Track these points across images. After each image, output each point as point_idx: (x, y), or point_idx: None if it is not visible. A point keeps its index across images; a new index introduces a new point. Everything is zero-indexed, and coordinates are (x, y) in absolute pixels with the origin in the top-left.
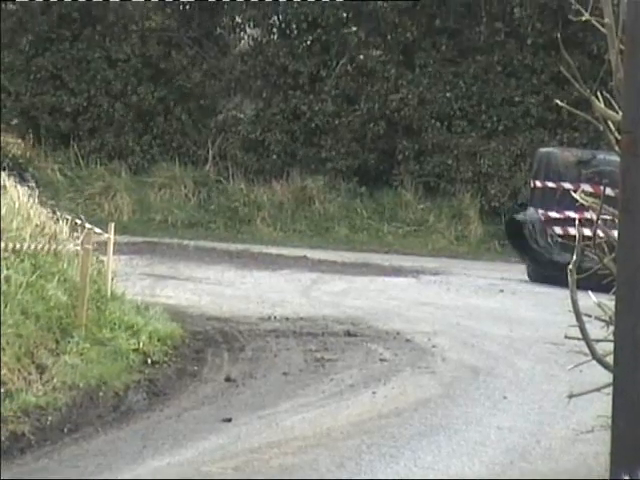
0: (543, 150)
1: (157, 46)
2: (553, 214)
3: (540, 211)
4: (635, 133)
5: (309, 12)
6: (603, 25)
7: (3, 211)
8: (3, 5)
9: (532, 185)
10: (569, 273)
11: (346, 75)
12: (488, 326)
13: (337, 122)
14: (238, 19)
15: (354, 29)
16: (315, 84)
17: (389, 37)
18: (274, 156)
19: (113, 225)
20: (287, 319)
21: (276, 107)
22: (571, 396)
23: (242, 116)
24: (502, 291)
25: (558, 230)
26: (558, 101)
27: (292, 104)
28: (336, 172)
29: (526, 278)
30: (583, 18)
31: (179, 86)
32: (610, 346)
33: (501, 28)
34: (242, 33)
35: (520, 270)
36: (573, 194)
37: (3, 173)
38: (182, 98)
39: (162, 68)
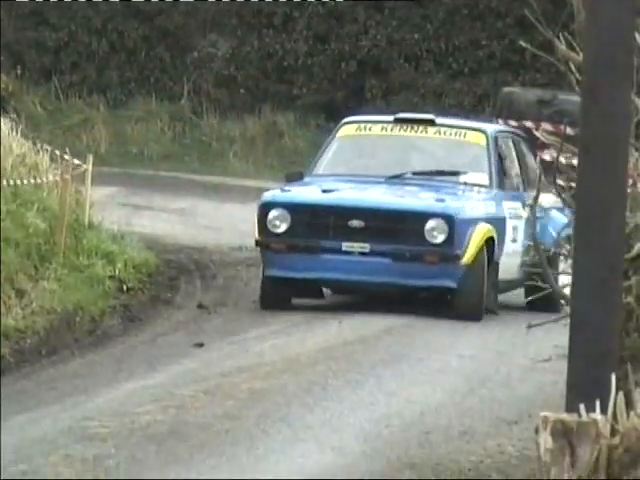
0: (506, 90)
1: None
2: None
3: None
4: (595, 74)
5: None
6: None
7: None
8: None
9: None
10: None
11: (317, 16)
12: None
13: (309, 61)
14: None
15: None
16: (288, 24)
17: None
18: (246, 92)
19: (91, 157)
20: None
21: (250, 45)
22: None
23: (217, 53)
24: None
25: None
26: (522, 43)
27: (265, 43)
28: (306, 108)
29: None
30: None
31: (159, 25)
32: None
33: None
34: None
35: None
36: (534, 132)
37: None
38: (162, 36)
39: (141, 9)
